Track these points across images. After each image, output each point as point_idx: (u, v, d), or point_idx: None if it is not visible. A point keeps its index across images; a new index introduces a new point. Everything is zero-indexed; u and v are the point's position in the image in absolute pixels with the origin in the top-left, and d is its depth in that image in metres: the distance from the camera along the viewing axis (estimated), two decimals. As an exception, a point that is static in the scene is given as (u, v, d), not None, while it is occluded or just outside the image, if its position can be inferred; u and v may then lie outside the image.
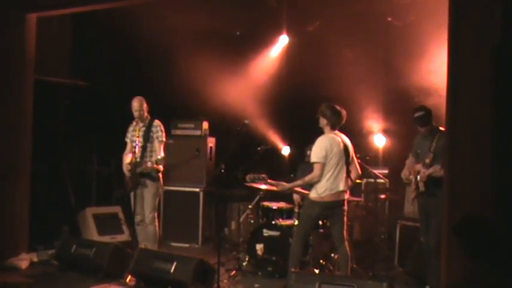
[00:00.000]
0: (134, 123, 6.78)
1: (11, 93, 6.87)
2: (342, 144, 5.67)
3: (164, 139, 6.75)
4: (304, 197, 6.06)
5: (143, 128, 6.68)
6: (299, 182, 5.85)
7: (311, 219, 5.77)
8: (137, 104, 6.65)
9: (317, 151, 5.61)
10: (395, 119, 7.72)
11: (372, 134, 7.88)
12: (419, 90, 7.23)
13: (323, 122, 5.75)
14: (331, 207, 5.64)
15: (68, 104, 8.35)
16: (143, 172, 6.56)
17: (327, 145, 5.60)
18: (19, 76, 6.91)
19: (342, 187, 5.62)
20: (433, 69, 6.78)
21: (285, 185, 5.99)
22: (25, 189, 6.98)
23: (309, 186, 5.73)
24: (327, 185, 5.59)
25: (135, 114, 6.68)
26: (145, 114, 6.71)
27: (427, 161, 5.62)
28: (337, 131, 5.78)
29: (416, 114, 5.72)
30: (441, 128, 5.63)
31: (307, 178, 5.68)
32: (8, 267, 6.51)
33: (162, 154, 6.59)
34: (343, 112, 5.75)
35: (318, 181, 5.60)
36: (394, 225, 6.96)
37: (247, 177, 6.12)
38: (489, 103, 4.24)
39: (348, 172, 5.72)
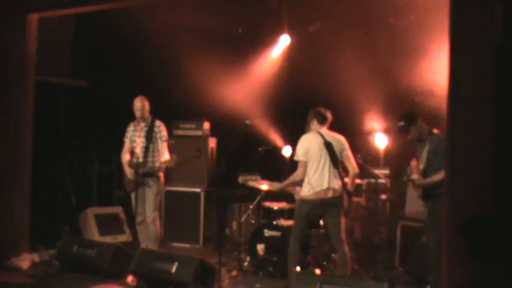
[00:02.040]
0: (135, 123, 6.76)
1: (11, 94, 6.87)
2: (322, 141, 5.71)
3: (167, 138, 6.77)
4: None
5: (145, 129, 6.66)
6: (286, 182, 5.99)
7: (302, 217, 5.81)
8: (140, 104, 6.64)
9: (297, 150, 5.80)
10: (397, 119, 7.70)
11: (372, 134, 7.88)
12: (420, 90, 7.24)
13: (312, 125, 5.92)
14: (321, 205, 5.67)
15: (68, 104, 8.36)
16: (147, 172, 6.57)
17: (303, 143, 5.77)
18: (20, 76, 6.91)
19: (326, 185, 5.65)
20: (434, 69, 6.78)
21: (277, 185, 6.23)
22: (26, 189, 6.99)
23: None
24: (311, 182, 5.67)
25: (137, 114, 6.66)
26: (147, 114, 6.71)
27: (421, 166, 5.60)
28: (324, 129, 5.85)
29: (398, 124, 5.78)
30: (434, 131, 5.63)
31: (292, 177, 5.85)
32: (10, 268, 6.53)
33: (167, 155, 6.58)
34: (322, 108, 5.94)
35: (302, 178, 5.71)
36: (395, 225, 6.95)
37: (240, 179, 6.22)
38: (489, 103, 4.24)
39: (339, 170, 5.73)
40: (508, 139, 4.18)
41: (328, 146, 5.71)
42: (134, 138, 6.66)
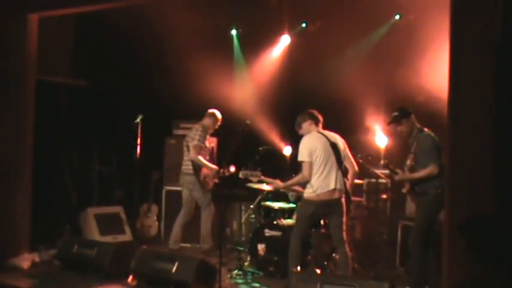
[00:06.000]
0: (206, 130, 7.18)
1: (12, 93, 6.87)
2: (328, 142, 5.67)
3: None
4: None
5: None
6: (290, 182, 5.95)
7: (306, 218, 5.79)
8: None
9: (301, 150, 5.69)
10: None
11: (373, 133, 7.87)
12: (421, 90, 7.24)
13: (306, 125, 5.86)
14: (325, 205, 5.64)
15: (69, 104, 8.36)
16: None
17: (309, 143, 5.68)
18: (20, 76, 6.91)
19: (332, 185, 5.61)
20: (435, 69, 6.78)
21: (279, 184, 6.14)
22: (26, 188, 6.98)
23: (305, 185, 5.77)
24: (317, 184, 5.60)
25: (216, 127, 7.30)
26: None
27: (408, 162, 5.76)
28: (323, 130, 5.83)
29: (392, 114, 5.95)
30: (425, 129, 5.71)
31: (297, 178, 5.79)
32: (10, 267, 6.52)
33: None
34: (316, 112, 5.94)
35: (309, 180, 5.63)
36: (396, 225, 6.95)
37: (241, 173, 6.21)
38: (489, 103, 4.24)
39: (343, 170, 5.72)
40: (508, 139, 4.18)
41: (333, 146, 5.69)
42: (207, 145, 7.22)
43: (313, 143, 5.67)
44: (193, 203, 7.28)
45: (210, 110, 7.33)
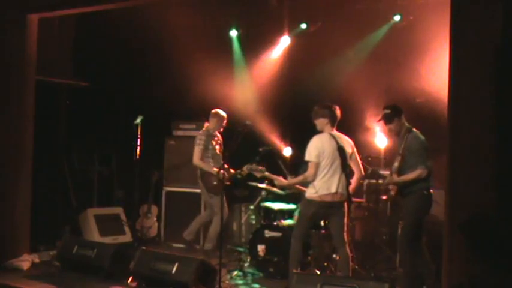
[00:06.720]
0: (211, 132, 7.23)
1: (12, 94, 6.87)
2: (336, 145, 5.64)
3: None
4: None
5: (216, 138, 7.30)
6: (294, 180, 5.95)
7: (307, 218, 5.77)
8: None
9: (309, 150, 5.66)
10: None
11: (373, 134, 7.86)
12: (421, 91, 7.23)
13: (322, 121, 5.77)
14: (327, 206, 5.63)
15: (69, 105, 8.35)
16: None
17: (318, 144, 5.64)
18: (20, 76, 6.90)
19: (334, 189, 5.60)
20: (435, 69, 6.77)
21: (283, 181, 6.10)
22: (26, 189, 6.98)
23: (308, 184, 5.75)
24: (320, 185, 5.59)
25: (223, 125, 7.28)
26: None
27: (396, 164, 5.67)
28: (335, 131, 5.79)
29: (383, 112, 5.84)
30: (413, 129, 5.66)
31: (302, 176, 5.76)
32: (10, 268, 6.52)
33: None
34: (337, 108, 5.82)
35: (313, 180, 5.62)
36: (396, 226, 6.93)
37: (245, 168, 6.19)
38: (490, 102, 4.24)
39: (347, 174, 5.70)
40: (508, 139, 4.17)
41: (340, 150, 5.66)
42: (216, 146, 7.21)
43: (322, 144, 5.64)
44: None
45: (213, 110, 7.33)
